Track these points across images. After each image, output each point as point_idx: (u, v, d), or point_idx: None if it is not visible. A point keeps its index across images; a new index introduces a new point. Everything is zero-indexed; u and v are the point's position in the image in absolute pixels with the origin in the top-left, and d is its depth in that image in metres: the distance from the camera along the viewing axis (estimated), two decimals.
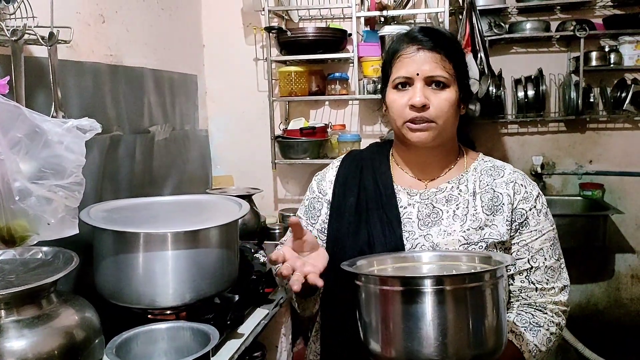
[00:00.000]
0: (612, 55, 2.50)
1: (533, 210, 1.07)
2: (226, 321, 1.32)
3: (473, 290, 0.82)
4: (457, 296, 0.81)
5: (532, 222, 1.06)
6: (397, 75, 1.05)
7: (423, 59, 1.03)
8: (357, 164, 1.18)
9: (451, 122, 1.06)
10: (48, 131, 0.79)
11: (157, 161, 1.93)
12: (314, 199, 1.20)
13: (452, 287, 0.81)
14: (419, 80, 1.02)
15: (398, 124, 1.06)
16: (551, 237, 1.08)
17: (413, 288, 0.81)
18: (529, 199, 1.07)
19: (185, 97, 2.24)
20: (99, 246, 1.24)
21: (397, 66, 1.05)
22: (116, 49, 1.73)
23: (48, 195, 0.80)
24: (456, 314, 0.80)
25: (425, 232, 1.06)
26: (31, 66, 1.24)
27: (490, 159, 1.15)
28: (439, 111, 1.02)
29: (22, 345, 0.87)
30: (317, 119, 2.50)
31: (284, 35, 2.21)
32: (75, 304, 0.99)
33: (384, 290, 0.84)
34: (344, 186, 1.15)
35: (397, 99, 1.05)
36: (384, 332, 0.84)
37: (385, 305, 0.84)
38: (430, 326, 0.79)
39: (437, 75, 1.02)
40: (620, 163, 2.62)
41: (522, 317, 1.05)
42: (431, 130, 1.03)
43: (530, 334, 1.03)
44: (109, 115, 1.65)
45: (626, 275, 2.66)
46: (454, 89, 1.04)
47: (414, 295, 0.80)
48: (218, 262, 1.28)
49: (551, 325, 1.05)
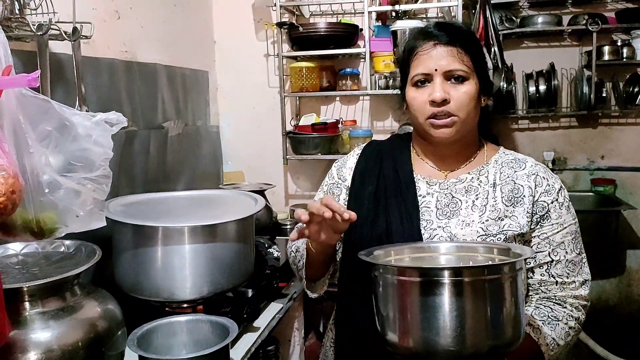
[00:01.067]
0: (624, 49, 2.48)
1: (555, 203, 1.06)
2: (242, 315, 1.33)
3: (491, 282, 0.82)
4: (475, 288, 0.81)
5: (553, 215, 1.06)
6: (416, 73, 1.05)
7: (440, 54, 1.03)
8: (377, 153, 1.19)
9: (472, 114, 1.06)
10: (77, 125, 0.80)
11: (170, 157, 1.94)
12: (333, 184, 1.22)
13: (470, 278, 0.81)
14: (438, 75, 1.03)
15: (420, 121, 1.07)
16: (572, 231, 1.08)
17: (431, 279, 0.82)
18: (551, 192, 1.07)
19: (197, 93, 2.25)
20: (118, 240, 1.26)
21: (415, 63, 1.06)
22: (130, 45, 1.74)
23: (77, 188, 0.81)
24: (474, 305, 0.81)
25: (444, 222, 1.06)
26: (52, 62, 1.25)
27: (512, 153, 1.15)
28: (459, 104, 1.03)
29: (48, 336, 0.87)
30: (328, 115, 2.50)
31: (295, 30, 2.21)
32: (98, 296, 1.00)
33: (401, 281, 0.85)
34: (363, 174, 1.16)
35: (417, 96, 1.06)
36: (402, 323, 0.84)
37: (403, 296, 0.84)
38: (448, 317, 0.80)
39: (455, 69, 1.02)
40: (632, 158, 2.61)
41: (540, 311, 1.05)
42: (454, 125, 1.04)
43: (548, 327, 1.03)
44: (125, 110, 1.66)
45: (637, 271, 2.65)
46: (473, 81, 1.04)
47: (431, 286, 0.81)
48: (235, 256, 1.29)
49: (570, 319, 1.05)
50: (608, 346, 2.37)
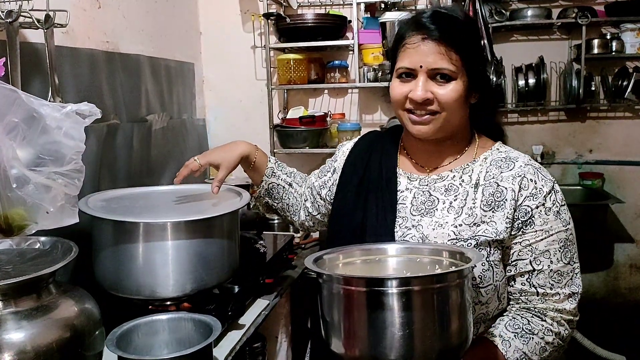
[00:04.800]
0: (613, 42, 2.48)
1: (540, 208, 0.98)
2: (227, 312, 1.31)
3: (435, 291, 0.81)
4: (419, 297, 0.80)
5: (538, 221, 0.98)
6: (401, 66, 1.02)
7: (428, 50, 0.98)
8: (369, 145, 1.18)
9: (458, 113, 1.02)
10: (46, 116, 0.76)
11: (154, 150, 1.90)
12: (330, 160, 1.28)
13: (414, 287, 0.79)
14: (422, 73, 0.98)
15: (397, 111, 1.05)
16: (561, 239, 0.99)
17: (374, 289, 0.80)
18: (537, 196, 0.98)
19: (182, 85, 2.20)
20: (97, 236, 1.22)
21: (402, 56, 1.02)
22: (112, 35, 1.69)
23: (47, 183, 0.77)
24: (419, 313, 0.80)
25: (417, 220, 1.03)
26: (26, 52, 1.20)
27: (506, 150, 1.08)
28: (442, 104, 0.99)
29: (21, 337, 0.84)
30: (316, 108, 2.47)
31: (282, 21, 2.17)
32: (75, 295, 0.96)
33: (344, 290, 0.83)
34: (353, 165, 1.16)
35: (398, 87, 1.03)
36: (346, 333, 0.83)
37: (346, 305, 0.83)
38: (392, 327, 0.78)
39: (441, 68, 0.97)
40: (620, 152, 2.61)
41: (515, 322, 0.99)
42: (434, 122, 1.00)
43: (520, 340, 0.97)
44: (106, 103, 1.61)
45: (625, 264, 2.67)
46: (461, 80, 0.99)
47: (374, 296, 0.80)
48: (219, 252, 1.26)
49: (548, 333, 0.98)
50: (595, 339, 2.38)
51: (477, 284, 0.98)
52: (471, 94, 1.03)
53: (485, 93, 1.06)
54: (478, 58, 1.04)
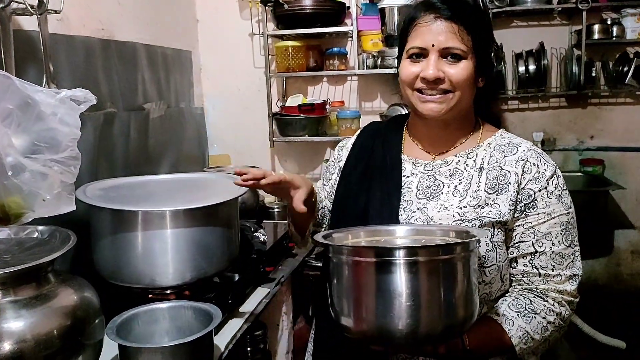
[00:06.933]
0: (614, 28, 2.46)
1: (543, 191, 1.00)
2: (227, 300, 1.30)
3: (441, 262, 0.82)
4: (427, 267, 0.81)
5: (540, 204, 1.00)
6: (412, 45, 1.01)
7: (440, 29, 0.98)
8: (373, 134, 1.18)
9: (467, 94, 1.02)
10: (40, 102, 0.74)
11: (152, 139, 1.89)
12: (331, 163, 1.24)
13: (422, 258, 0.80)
14: (434, 52, 0.99)
15: (407, 92, 1.03)
16: (563, 222, 1.00)
17: (383, 259, 0.81)
18: (540, 180, 1.00)
19: (180, 73, 2.19)
20: (96, 225, 1.21)
21: (413, 35, 1.02)
22: (108, 23, 1.67)
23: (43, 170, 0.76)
24: (424, 284, 0.80)
25: (423, 204, 1.04)
26: (20, 40, 1.18)
27: (509, 136, 1.09)
28: (455, 82, 0.99)
29: (20, 326, 0.83)
30: (315, 96, 2.45)
31: (280, 8, 2.15)
32: (74, 283, 0.95)
33: (354, 261, 0.84)
34: (357, 155, 1.16)
35: (408, 67, 1.02)
36: (355, 306, 0.84)
37: (354, 277, 0.84)
38: (400, 298, 0.79)
39: (453, 47, 0.98)
40: (621, 138, 2.60)
41: (518, 302, 1.01)
42: (446, 101, 1.00)
43: (523, 319, 0.98)
44: (102, 91, 1.60)
45: (626, 250, 2.67)
46: (470, 61, 0.99)
47: (382, 266, 0.81)
48: (218, 240, 1.25)
49: (550, 313, 1.00)
50: (596, 325, 2.39)
51: (481, 264, 0.98)
52: (478, 78, 1.03)
53: (490, 78, 1.07)
54: (488, 41, 1.05)
